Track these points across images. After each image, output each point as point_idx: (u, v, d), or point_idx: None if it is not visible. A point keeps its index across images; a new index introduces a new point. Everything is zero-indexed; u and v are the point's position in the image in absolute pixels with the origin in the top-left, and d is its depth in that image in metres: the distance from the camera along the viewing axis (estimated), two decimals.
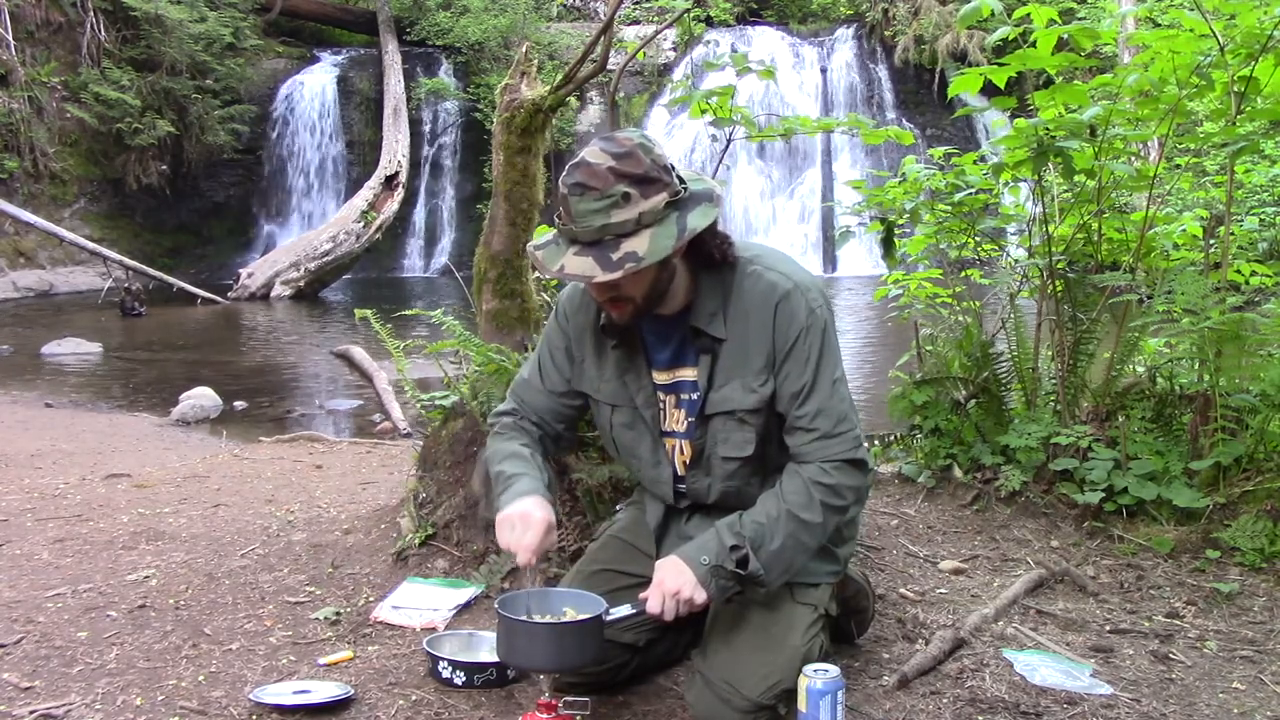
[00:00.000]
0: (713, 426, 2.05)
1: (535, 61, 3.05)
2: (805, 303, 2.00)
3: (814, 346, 1.99)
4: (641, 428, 2.13)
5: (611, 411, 2.15)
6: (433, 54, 18.03)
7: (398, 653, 2.40)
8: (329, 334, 10.82)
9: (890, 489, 3.50)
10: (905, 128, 3.90)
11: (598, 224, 1.84)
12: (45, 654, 2.42)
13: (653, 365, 2.10)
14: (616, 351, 2.11)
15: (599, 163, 1.85)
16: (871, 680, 2.25)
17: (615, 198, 1.84)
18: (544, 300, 3.17)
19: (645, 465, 2.16)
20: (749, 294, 2.01)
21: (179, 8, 15.34)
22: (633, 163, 1.86)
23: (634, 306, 1.98)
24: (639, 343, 2.10)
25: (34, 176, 14.86)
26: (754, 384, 2.01)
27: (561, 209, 1.89)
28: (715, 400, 2.03)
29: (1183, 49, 3.03)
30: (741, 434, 2.04)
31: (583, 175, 1.86)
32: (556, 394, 2.21)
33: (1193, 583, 2.79)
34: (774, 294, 2.00)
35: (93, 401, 7.53)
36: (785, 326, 1.99)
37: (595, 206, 1.84)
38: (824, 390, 2.00)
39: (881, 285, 4.00)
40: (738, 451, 2.05)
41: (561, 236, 1.91)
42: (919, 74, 17.44)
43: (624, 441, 2.17)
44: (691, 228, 1.87)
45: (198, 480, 4.32)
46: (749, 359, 2.01)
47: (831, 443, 2.00)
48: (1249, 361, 3.11)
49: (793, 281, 2.02)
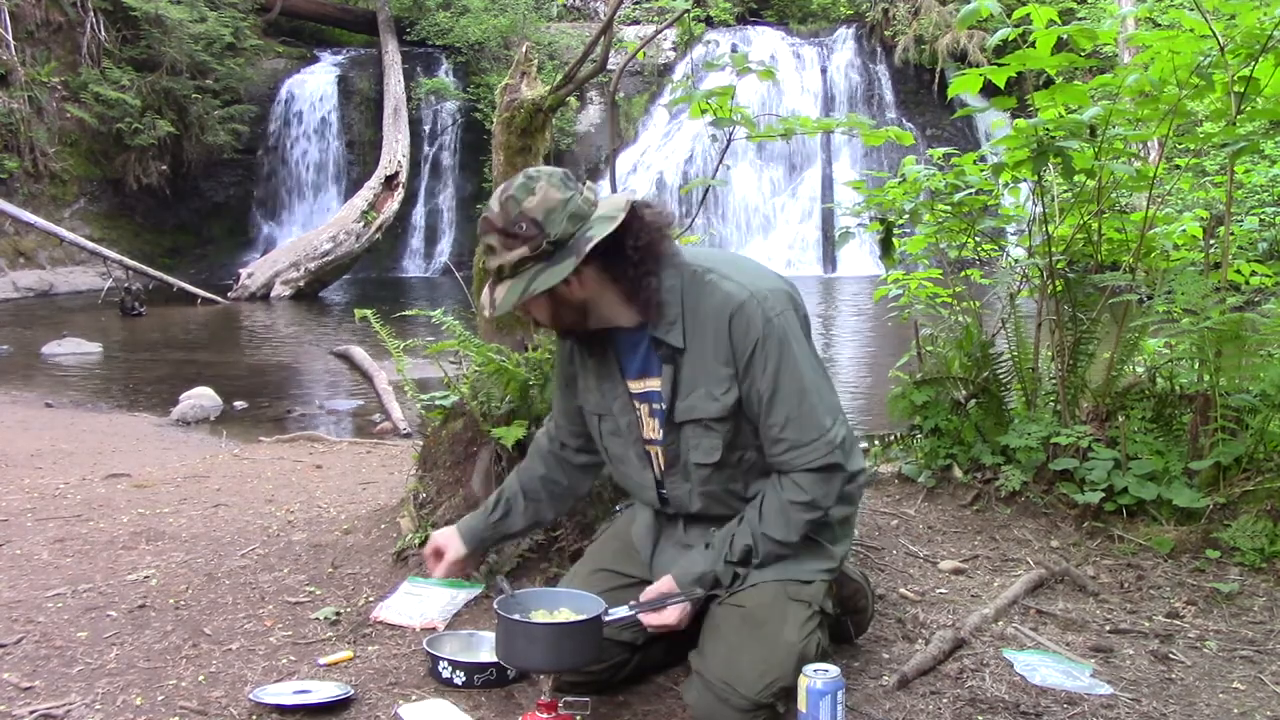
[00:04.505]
0: (684, 433, 2.08)
1: (535, 61, 3.06)
2: (761, 312, 1.99)
3: (772, 355, 1.99)
4: (625, 435, 2.16)
5: (599, 421, 2.21)
6: (433, 54, 18.03)
7: (398, 653, 2.40)
8: (329, 334, 10.82)
9: (890, 489, 3.50)
10: (905, 128, 3.90)
11: (483, 263, 2.05)
12: (45, 654, 2.42)
13: (625, 375, 2.14)
14: (593, 361, 2.17)
15: (489, 207, 2.00)
16: (871, 680, 2.25)
17: (486, 246, 1.99)
18: None
19: (633, 471, 2.19)
20: (705, 305, 2.02)
21: (179, 8, 15.33)
22: (501, 215, 1.96)
23: (555, 328, 2.12)
24: (611, 353, 2.14)
25: (34, 176, 14.86)
26: (717, 392, 2.02)
27: None
28: (682, 409, 2.06)
29: (1183, 49, 3.03)
30: (709, 440, 2.06)
31: (480, 219, 2.02)
32: (566, 410, 2.32)
33: (1193, 583, 2.79)
34: (729, 305, 2.00)
35: (93, 401, 7.53)
36: (741, 337, 1.99)
37: (480, 249, 2.04)
38: (789, 398, 2.00)
39: (881, 285, 4.00)
40: (706, 458, 2.07)
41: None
42: (919, 74, 17.46)
43: (613, 450, 2.21)
44: (535, 288, 1.93)
45: (198, 480, 4.32)
46: (711, 368, 2.02)
47: (804, 451, 2.00)
48: (1249, 361, 3.11)
49: (748, 291, 2.01)
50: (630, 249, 1.99)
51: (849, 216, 3.94)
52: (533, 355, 2.83)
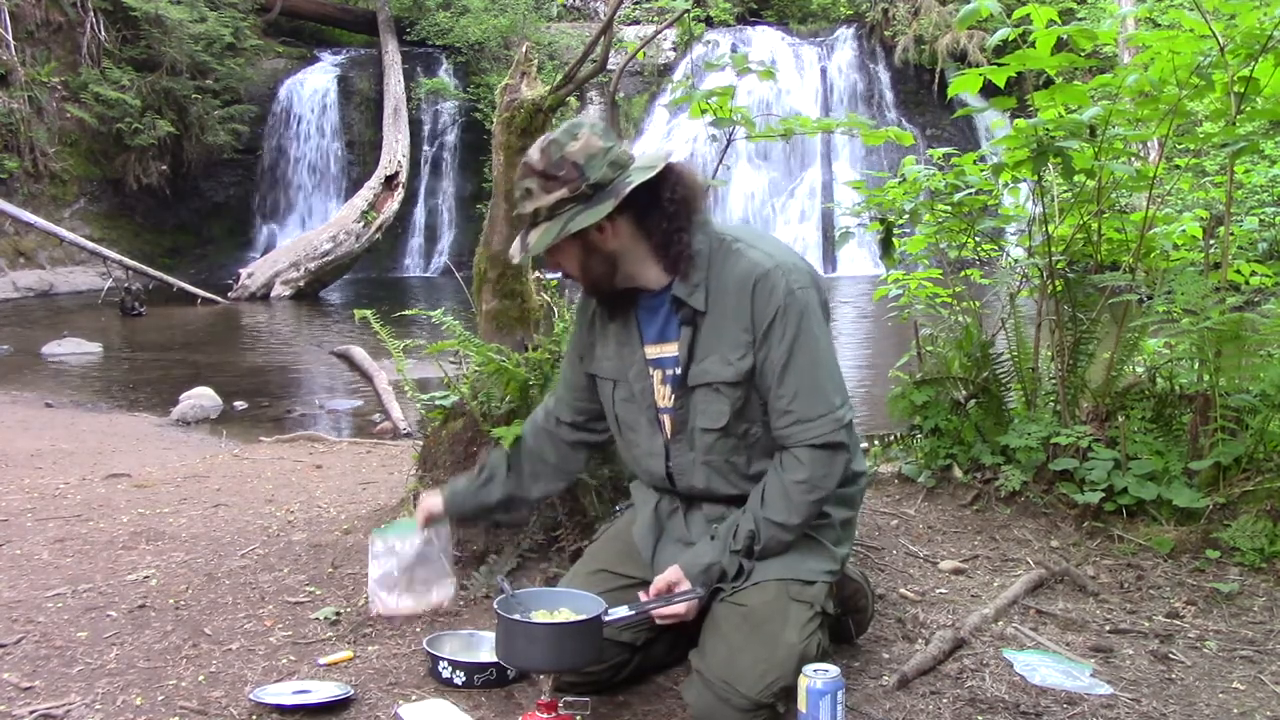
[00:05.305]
0: (694, 398, 2.10)
1: (535, 61, 3.05)
2: (785, 283, 2.02)
3: (791, 326, 2.01)
4: (637, 401, 2.18)
5: (614, 388, 2.22)
6: (433, 54, 18.02)
7: (398, 653, 2.40)
8: (329, 334, 10.82)
9: (890, 489, 3.50)
10: (905, 128, 3.91)
11: (516, 211, 2.07)
12: (45, 654, 2.42)
13: (644, 340, 2.16)
14: (614, 325, 2.19)
15: (529, 154, 2.03)
16: (871, 680, 2.25)
17: (523, 191, 2.03)
18: (544, 300, 3.16)
19: (642, 439, 2.20)
20: (730, 271, 2.05)
21: (179, 8, 15.32)
22: (542, 159, 2.01)
23: (583, 280, 2.12)
24: (633, 318, 2.16)
25: (34, 176, 14.84)
26: (732, 357, 2.04)
27: None
28: (695, 373, 2.08)
29: (1183, 49, 3.03)
30: (718, 405, 2.07)
31: (519, 165, 2.05)
32: (573, 384, 2.33)
33: (1193, 583, 2.79)
34: (754, 272, 2.03)
35: (93, 401, 7.53)
36: (763, 305, 2.02)
37: (516, 195, 2.06)
38: (801, 371, 2.02)
39: (881, 285, 4.00)
40: (712, 423, 2.08)
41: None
42: (919, 74, 17.44)
43: (625, 418, 2.22)
44: (571, 228, 1.97)
45: (198, 480, 4.32)
46: (729, 334, 2.04)
47: (810, 426, 2.02)
48: (1249, 361, 3.11)
49: (774, 261, 2.05)
50: (666, 201, 2.04)
51: (849, 216, 3.94)
52: (533, 355, 2.83)
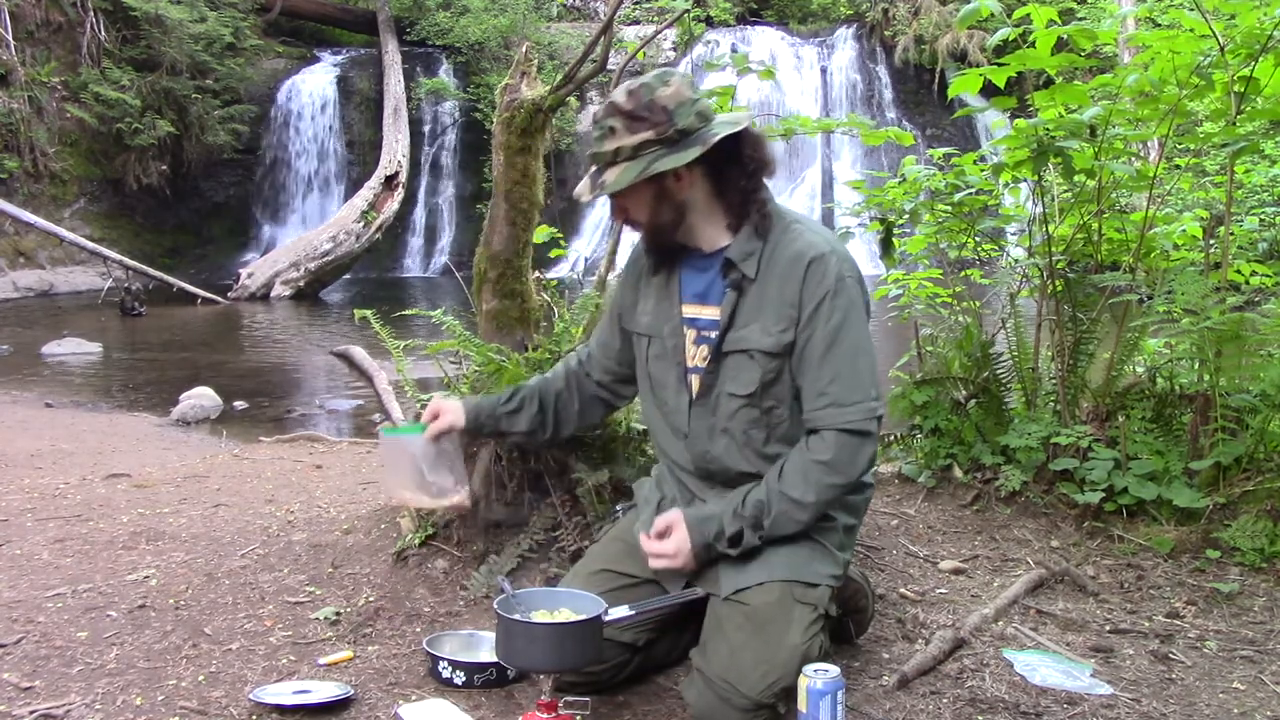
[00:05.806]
0: (726, 364, 2.11)
1: (535, 61, 3.05)
2: (839, 269, 2.05)
3: (839, 311, 2.03)
4: (669, 358, 2.20)
5: (648, 344, 2.24)
6: (433, 54, 18.04)
7: (398, 653, 2.40)
8: (329, 334, 10.82)
9: (890, 489, 3.50)
10: (905, 128, 3.91)
11: (593, 150, 2.08)
12: (45, 654, 2.42)
13: (683, 297, 2.18)
14: (656, 280, 2.23)
15: (615, 95, 2.05)
16: (871, 680, 2.25)
17: (605, 129, 2.05)
18: (544, 300, 3.16)
19: (670, 395, 2.21)
20: (786, 247, 2.08)
21: (179, 8, 15.33)
22: (631, 100, 2.03)
23: (645, 229, 2.14)
24: (675, 275, 2.20)
25: (34, 176, 14.86)
26: (774, 329, 2.06)
27: None
28: (732, 339, 2.10)
29: (1183, 49, 3.03)
30: (749, 373, 2.09)
31: (603, 105, 2.07)
32: (606, 344, 2.37)
33: (1193, 583, 2.79)
34: (810, 251, 2.06)
35: (93, 401, 7.53)
36: (814, 285, 2.04)
37: (595, 134, 2.08)
38: (844, 356, 2.04)
39: (881, 285, 4.00)
40: (741, 389, 2.09)
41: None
42: (919, 74, 17.45)
43: (655, 374, 2.24)
44: (654, 169, 2.00)
45: (198, 480, 4.32)
46: (773, 306, 2.06)
47: (844, 411, 2.03)
48: (1249, 361, 3.11)
49: (830, 247, 2.08)
50: (747, 158, 2.09)
51: (849, 216, 3.94)
52: (533, 355, 2.82)
